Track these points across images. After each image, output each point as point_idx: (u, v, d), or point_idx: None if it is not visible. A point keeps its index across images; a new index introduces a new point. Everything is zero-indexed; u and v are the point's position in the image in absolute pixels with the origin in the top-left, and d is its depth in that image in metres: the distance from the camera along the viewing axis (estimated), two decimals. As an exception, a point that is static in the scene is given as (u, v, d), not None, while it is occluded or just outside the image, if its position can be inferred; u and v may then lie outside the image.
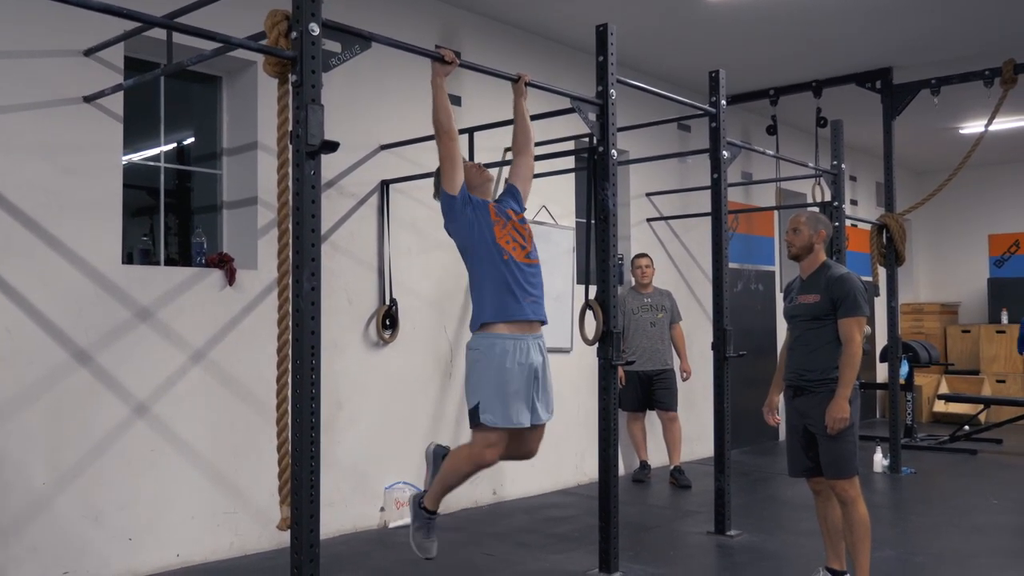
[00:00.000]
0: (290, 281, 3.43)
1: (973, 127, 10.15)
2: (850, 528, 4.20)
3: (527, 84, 4.45)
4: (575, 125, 5.61)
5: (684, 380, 7.53)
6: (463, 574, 4.77)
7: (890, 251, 7.97)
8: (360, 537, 5.53)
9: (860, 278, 4.34)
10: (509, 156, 6.40)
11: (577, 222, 7.39)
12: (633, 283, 7.58)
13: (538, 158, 5.82)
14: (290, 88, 3.44)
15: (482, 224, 3.97)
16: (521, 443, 4.07)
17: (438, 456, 4.17)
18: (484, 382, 3.87)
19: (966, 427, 9.79)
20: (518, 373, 3.86)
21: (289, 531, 3.39)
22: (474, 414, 3.88)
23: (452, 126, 3.96)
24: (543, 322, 4.06)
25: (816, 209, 7.61)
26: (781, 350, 4.62)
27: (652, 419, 7.67)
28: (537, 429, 4.07)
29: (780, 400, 4.61)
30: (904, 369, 9.24)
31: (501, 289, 3.91)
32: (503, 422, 3.84)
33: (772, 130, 8.96)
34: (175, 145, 5.48)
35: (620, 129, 4.96)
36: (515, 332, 3.91)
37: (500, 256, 3.93)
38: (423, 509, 4.08)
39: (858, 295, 4.18)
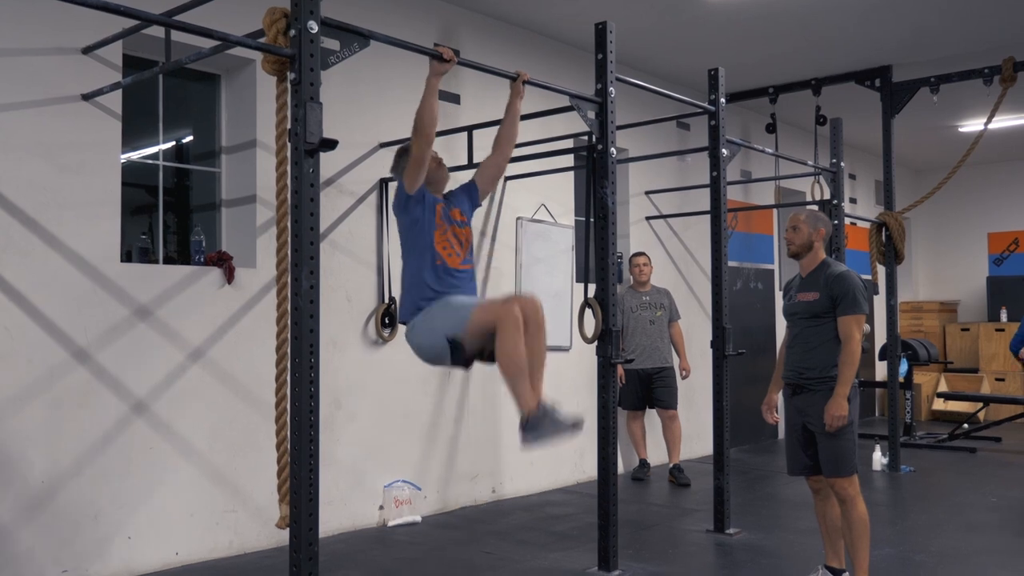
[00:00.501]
0: (289, 279, 3.42)
1: (972, 125, 10.15)
2: (849, 526, 4.20)
3: (525, 83, 4.44)
4: (574, 123, 5.61)
5: (683, 378, 7.53)
6: (463, 572, 4.77)
7: (889, 249, 7.98)
8: (359, 535, 5.52)
9: (860, 276, 4.34)
10: (508, 154, 6.41)
11: (576, 220, 7.39)
12: (631, 282, 7.58)
13: (537, 156, 5.84)
14: (289, 86, 3.44)
15: (425, 225, 4.03)
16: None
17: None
18: (436, 321, 3.91)
19: (965, 425, 9.81)
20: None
21: (288, 529, 3.38)
22: (454, 341, 3.87)
23: (432, 130, 3.96)
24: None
25: (815, 207, 7.62)
26: (780, 348, 4.62)
27: (651, 417, 7.68)
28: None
29: (779, 398, 4.61)
30: (903, 367, 9.25)
31: (428, 292, 3.98)
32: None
33: (771, 128, 8.96)
34: (174, 143, 5.48)
35: (619, 127, 4.95)
36: None
37: (433, 260, 4.00)
38: (529, 419, 3.86)
39: (857, 293, 4.18)
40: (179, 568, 4.76)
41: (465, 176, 6.14)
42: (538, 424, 3.85)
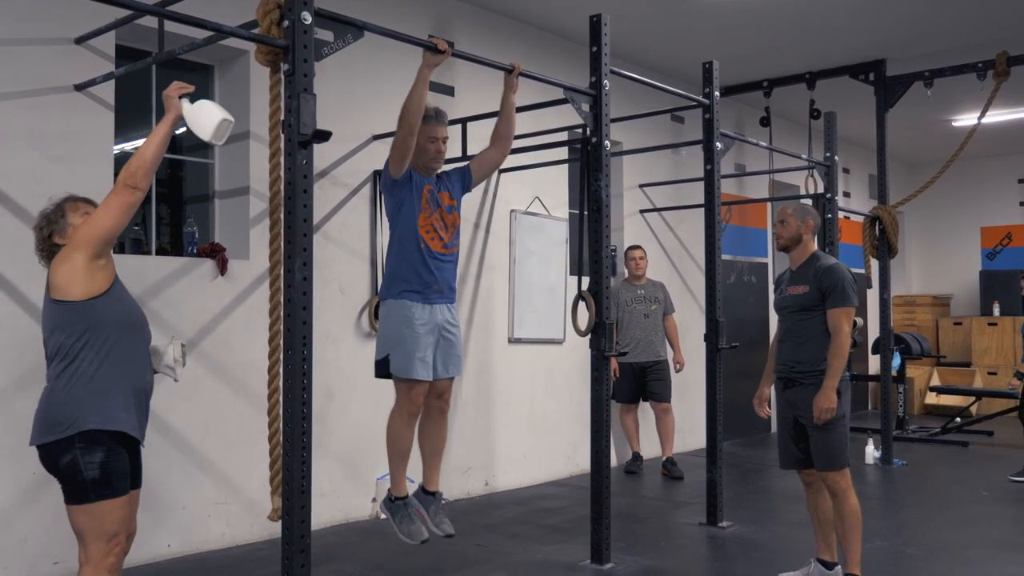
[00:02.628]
0: (282, 271, 3.41)
1: (966, 120, 10.17)
2: (841, 519, 4.21)
3: (520, 75, 4.42)
4: (568, 116, 5.60)
5: (677, 371, 7.54)
6: (455, 565, 4.78)
7: (882, 243, 7.99)
8: (352, 528, 5.52)
9: (849, 269, 4.34)
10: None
11: (570, 213, 7.38)
12: (626, 275, 7.58)
13: (531, 148, 5.83)
14: (282, 77, 3.43)
15: (411, 208, 4.05)
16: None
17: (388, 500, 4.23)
18: (392, 337, 4.00)
19: (957, 419, 9.83)
20: (423, 333, 4.00)
21: (280, 522, 3.38)
22: (383, 364, 4.01)
23: (416, 120, 3.95)
24: (449, 302, 4.18)
25: (808, 201, 7.63)
26: (772, 342, 4.63)
27: (644, 410, 7.68)
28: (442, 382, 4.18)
29: (771, 392, 4.62)
30: (896, 361, 9.26)
31: (410, 273, 4.02)
32: (406, 373, 3.96)
33: (765, 122, 8.96)
34: (166, 134, 5.45)
35: (613, 120, 4.95)
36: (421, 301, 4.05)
37: (417, 244, 4.03)
38: (393, 501, 4.14)
39: (846, 285, 4.18)
40: (170, 560, 4.75)
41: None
42: (395, 512, 4.12)
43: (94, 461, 2.89)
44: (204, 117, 3.14)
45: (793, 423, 4.32)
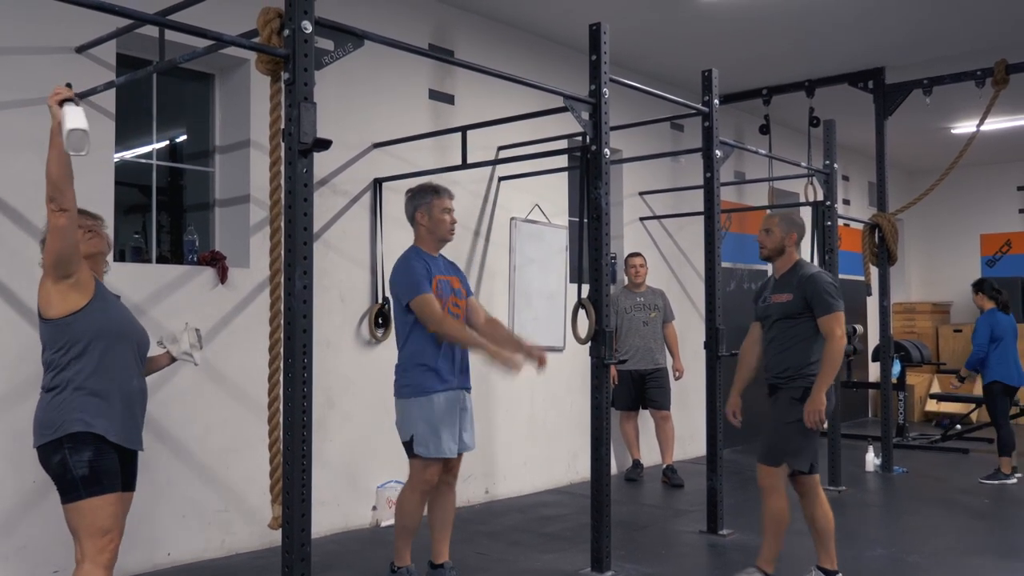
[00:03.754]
0: (282, 279, 3.42)
1: (965, 127, 10.17)
2: (765, 518, 4.30)
3: (520, 83, 4.42)
4: (568, 124, 5.60)
5: (676, 379, 7.54)
6: (456, 573, 4.76)
7: (882, 250, 7.99)
8: (352, 536, 5.52)
9: (830, 275, 4.39)
10: (503, 155, 6.43)
11: (570, 221, 7.39)
12: (626, 282, 7.59)
13: (531, 156, 5.84)
14: (283, 86, 3.44)
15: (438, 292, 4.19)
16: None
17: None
18: (417, 417, 4.14)
19: (958, 426, 9.82)
20: (447, 410, 4.18)
21: (280, 530, 3.38)
22: (408, 447, 4.19)
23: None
24: (467, 389, 4.34)
25: (808, 209, 7.64)
26: (742, 350, 4.64)
27: (644, 418, 7.68)
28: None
29: (740, 401, 4.66)
30: (896, 368, 9.26)
31: (431, 364, 4.14)
32: (436, 453, 4.15)
33: (765, 129, 8.97)
34: (167, 143, 5.46)
35: (613, 128, 4.95)
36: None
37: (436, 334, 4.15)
38: (395, 571, 4.33)
39: (827, 294, 4.20)
40: (170, 568, 4.75)
41: (459, 176, 6.16)
42: None
43: (82, 460, 3.02)
44: (66, 122, 2.94)
45: None
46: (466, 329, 4.15)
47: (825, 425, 4.27)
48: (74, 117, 2.95)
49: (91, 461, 3.02)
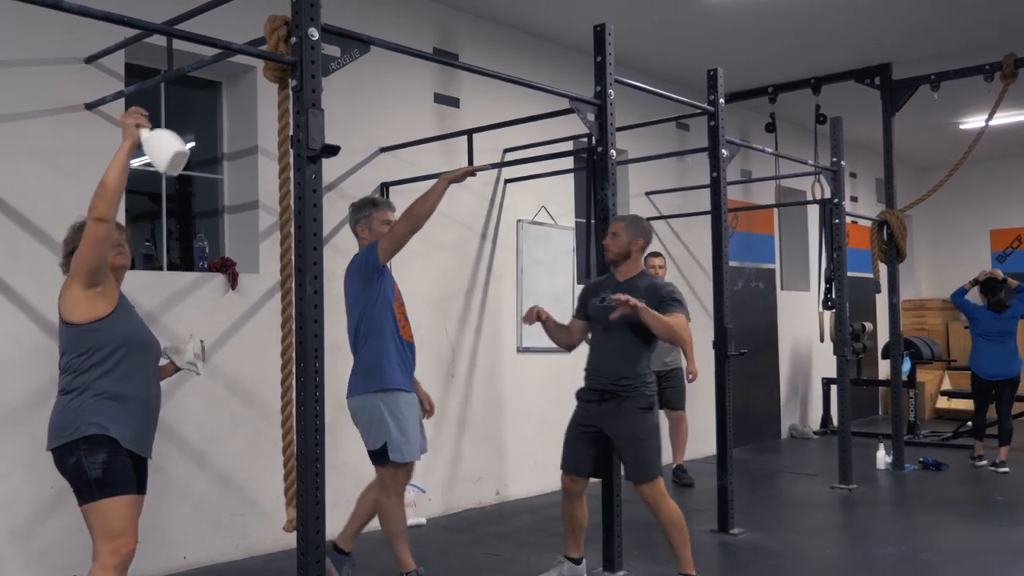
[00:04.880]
0: (293, 284, 3.45)
1: (974, 122, 10.16)
2: (664, 527, 4.24)
3: (525, 86, 4.42)
4: (574, 125, 5.62)
5: (690, 381, 7.45)
6: (467, 574, 4.79)
7: (891, 247, 7.98)
8: (365, 538, 5.52)
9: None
10: (508, 157, 6.45)
11: (576, 222, 7.41)
12: None
13: (537, 159, 5.86)
14: (290, 93, 3.47)
15: (386, 298, 4.19)
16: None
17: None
18: (388, 420, 4.14)
19: (969, 423, 9.78)
20: (413, 411, 4.27)
21: (295, 533, 3.41)
22: (381, 453, 4.17)
23: (423, 223, 4.08)
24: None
25: (815, 207, 7.62)
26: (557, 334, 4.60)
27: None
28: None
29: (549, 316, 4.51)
30: (906, 366, 9.25)
31: (395, 362, 4.17)
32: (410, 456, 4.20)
33: (771, 128, 8.97)
34: (176, 150, 5.49)
35: (619, 129, 4.97)
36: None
37: (396, 331, 4.19)
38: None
39: (674, 299, 4.23)
40: (186, 572, 4.78)
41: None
42: None
43: (96, 461, 3.05)
44: (160, 147, 3.09)
45: (597, 433, 4.33)
46: (421, 200, 4.07)
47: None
48: (169, 140, 3.08)
49: (105, 463, 3.06)
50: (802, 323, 10.36)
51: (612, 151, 4.79)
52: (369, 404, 4.15)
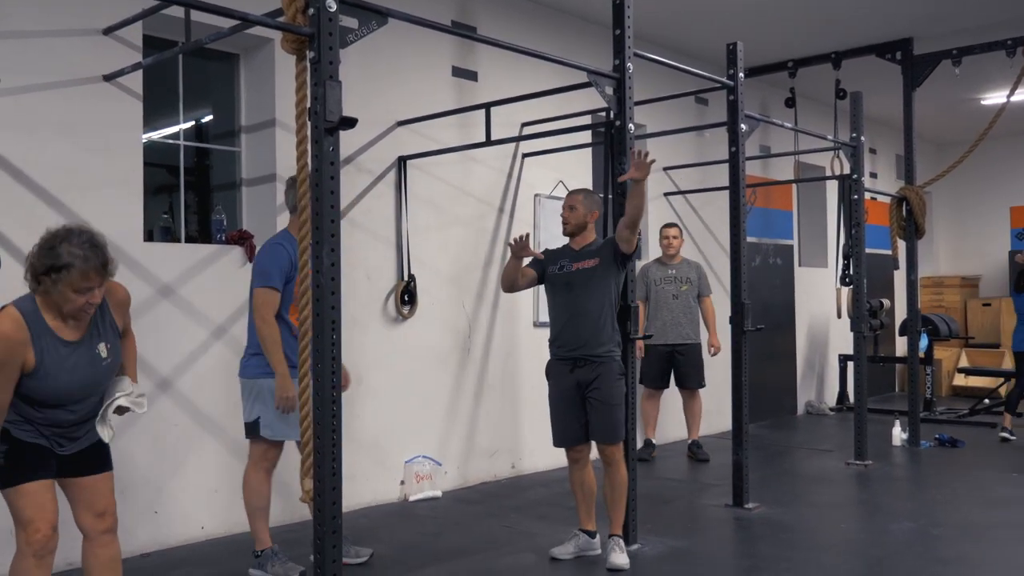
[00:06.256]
0: (311, 256, 3.45)
1: (995, 98, 10.03)
2: (613, 487, 4.49)
3: (543, 59, 4.39)
4: (592, 99, 5.59)
5: (712, 355, 7.36)
6: (483, 546, 4.83)
7: (910, 224, 7.92)
8: (381, 510, 5.59)
9: None
10: (526, 131, 6.43)
11: (594, 197, 7.37)
12: (660, 254, 7.51)
13: (554, 132, 5.84)
14: (308, 65, 3.45)
15: (290, 293, 4.21)
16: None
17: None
18: (267, 398, 4.22)
19: (986, 400, 9.76)
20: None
21: (312, 504, 3.44)
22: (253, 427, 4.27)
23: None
24: None
25: (835, 182, 7.56)
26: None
27: (667, 397, 7.58)
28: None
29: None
30: (923, 343, 9.20)
31: (287, 343, 4.19)
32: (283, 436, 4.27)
33: (790, 102, 8.90)
34: (193, 123, 5.51)
35: (637, 103, 4.94)
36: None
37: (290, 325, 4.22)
38: (259, 555, 4.29)
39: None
40: (204, 542, 4.84)
41: (483, 153, 6.18)
42: (267, 558, 4.28)
43: (1, 451, 3.01)
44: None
45: (582, 401, 4.46)
46: (279, 351, 4.15)
47: None
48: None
49: (5, 453, 3.00)
50: (819, 299, 10.32)
51: (630, 125, 4.76)
52: (249, 385, 4.30)
